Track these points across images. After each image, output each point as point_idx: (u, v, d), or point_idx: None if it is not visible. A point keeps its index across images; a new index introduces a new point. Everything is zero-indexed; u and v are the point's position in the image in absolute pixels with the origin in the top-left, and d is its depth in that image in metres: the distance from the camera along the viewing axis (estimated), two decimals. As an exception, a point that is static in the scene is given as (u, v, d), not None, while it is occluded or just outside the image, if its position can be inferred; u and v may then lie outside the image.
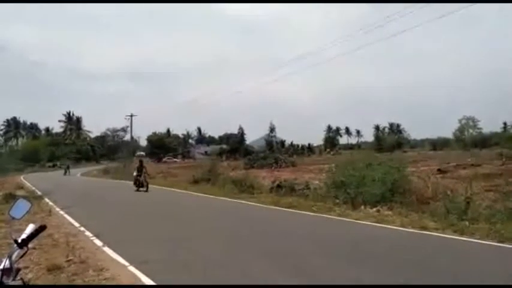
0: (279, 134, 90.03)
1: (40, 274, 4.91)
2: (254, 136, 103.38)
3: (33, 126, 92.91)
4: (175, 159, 75.34)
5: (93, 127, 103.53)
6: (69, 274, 4.90)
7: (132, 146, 62.14)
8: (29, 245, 1.82)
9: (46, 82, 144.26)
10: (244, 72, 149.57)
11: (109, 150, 76.83)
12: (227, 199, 13.37)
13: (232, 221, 9.33)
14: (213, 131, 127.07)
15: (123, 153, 54.69)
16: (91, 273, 4.95)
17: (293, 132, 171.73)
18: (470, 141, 70.10)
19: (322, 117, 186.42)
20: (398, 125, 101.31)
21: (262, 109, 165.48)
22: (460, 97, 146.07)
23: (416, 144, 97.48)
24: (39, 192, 17.12)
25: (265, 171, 28.29)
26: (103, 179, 30.61)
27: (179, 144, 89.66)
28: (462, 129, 76.02)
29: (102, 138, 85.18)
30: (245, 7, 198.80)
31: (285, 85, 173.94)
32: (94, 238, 7.17)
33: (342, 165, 12.61)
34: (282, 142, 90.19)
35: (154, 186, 20.30)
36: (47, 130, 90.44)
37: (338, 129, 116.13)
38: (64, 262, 5.38)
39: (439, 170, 20.97)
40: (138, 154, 76.42)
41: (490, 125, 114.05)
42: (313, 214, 9.60)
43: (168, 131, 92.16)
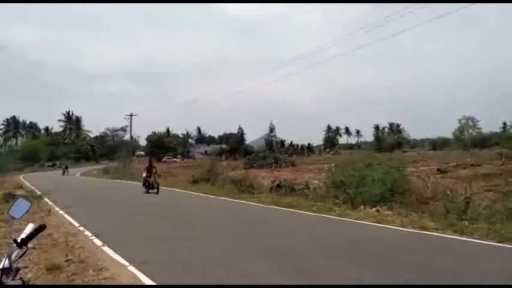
0: (279, 133, 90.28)
1: (39, 274, 4.90)
2: (254, 136, 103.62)
3: (33, 126, 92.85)
4: (175, 159, 75.29)
5: (93, 127, 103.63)
6: (69, 274, 4.89)
7: (132, 145, 62.15)
8: (29, 245, 1.82)
9: (46, 82, 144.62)
10: (244, 72, 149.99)
11: (108, 150, 76.83)
12: (227, 199, 13.36)
13: (232, 220, 9.33)
14: (213, 130, 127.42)
15: (122, 152, 54.73)
16: (90, 273, 4.94)
17: (293, 132, 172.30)
18: (470, 141, 70.22)
19: (322, 117, 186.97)
20: (398, 125, 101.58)
21: (262, 109, 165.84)
22: (460, 97, 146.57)
23: (416, 144, 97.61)
24: (38, 192, 17.11)
25: (264, 171, 28.30)
26: (102, 179, 30.57)
27: (179, 144, 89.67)
28: (462, 129, 76.15)
29: (101, 138, 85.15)
30: (245, 7, 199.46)
31: (285, 85, 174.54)
32: (93, 238, 7.16)
33: (342, 165, 12.63)
34: (281, 142, 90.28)
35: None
36: (47, 130, 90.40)
37: (338, 129, 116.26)
38: (63, 262, 5.37)
39: (438, 170, 21.02)
40: (138, 154, 76.48)
41: (489, 125, 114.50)
42: (313, 214, 9.60)
43: (167, 130, 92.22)
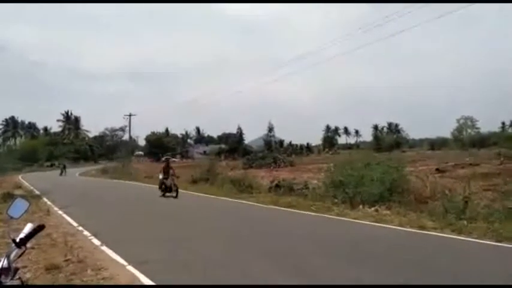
0: (278, 133, 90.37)
1: (38, 274, 4.89)
2: (253, 136, 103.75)
3: (32, 126, 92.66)
4: (174, 159, 75.21)
5: (92, 127, 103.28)
6: (68, 274, 4.88)
7: (131, 145, 62.11)
8: (27, 245, 1.81)
9: (46, 82, 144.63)
10: (244, 72, 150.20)
11: (107, 150, 76.76)
12: (226, 199, 13.35)
13: (231, 220, 9.31)
14: (212, 130, 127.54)
15: (121, 152, 54.71)
16: (89, 272, 4.92)
17: (292, 132, 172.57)
18: (469, 141, 70.37)
19: (322, 117, 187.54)
20: (397, 125, 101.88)
21: (262, 109, 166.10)
22: (459, 97, 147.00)
23: (415, 144, 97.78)
24: (37, 192, 17.06)
25: (263, 170, 28.26)
26: (101, 179, 30.53)
27: (178, 144, 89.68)
28: (460, 129, 76.32)
29: (100, 138, 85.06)
30: (245, 7, 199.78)
31: (284, 85, 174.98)
32: (92, 237, 7.15)
33: (341, 164, 12.62)
34: (280, 142, 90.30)
35: (155, 186, 20.26)
36: (45, 130, 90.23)
37: (337, 129, 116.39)
38: (62, 261, 5.36)
39: (437, 169, 21.02)
40: (137, 154, 76.40)
41: (489, 125, 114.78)
42: (312, 214, 9.60)
43: (166, 130, 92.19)
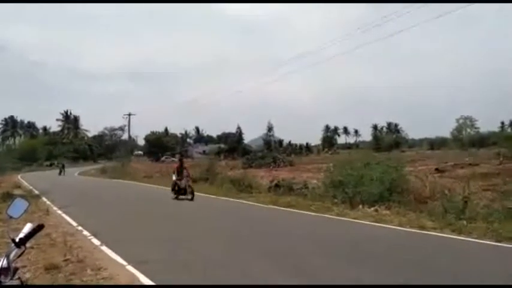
0: (277, 133, 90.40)
1: (38, 273, 4.87)
2: (252, 135, 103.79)
3: (31, 125, 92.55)
4: (173, 159, 75.19)
5: (91, 126, 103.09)
6: (67, 273, 4.87)
7: (130, 145, 62.06)
8: (27, 244, 1.80)
9: (46, 82, 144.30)
10: (244, 72, 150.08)
11: (107, 150, 76.72)
12: (226, 198, 13.34)
13: (231, 220, 9.31)
14: (212, 130, 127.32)
15: (120, 152, 54.68)
16: (89, 272, 4.91)
17: (291, 131, 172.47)
18: (468, 140, 70.42)
19: (321, 117, 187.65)
20: (396, 125, 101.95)
21: (261, 109, 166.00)
22: (459, 97, 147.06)
23: (415, 143, 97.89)
24: (36, 192, 17.04)
25: (263, 170, 28.27)
26: (101, 179, 30.50)
27: (177, 144, 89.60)
28: (460, 129, 76.38)
29: (100, 138, 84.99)
30: (245, 7, 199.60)
31: (284, 85, 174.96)
32: (92, 237, 7.13)
33: (340, 164, 12.61)
34: (280, 141, 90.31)
35: (155, 186, 20.28)
36: (45, 129, 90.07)
37: (336, 129, 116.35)
38: (62, 261, 5.35)
39: (436, 169, 21.03)
40: (136, 153, 76.37)
41: (488, 125, 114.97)
42: (311, 214, 9.60)
43: (165, 130, 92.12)
